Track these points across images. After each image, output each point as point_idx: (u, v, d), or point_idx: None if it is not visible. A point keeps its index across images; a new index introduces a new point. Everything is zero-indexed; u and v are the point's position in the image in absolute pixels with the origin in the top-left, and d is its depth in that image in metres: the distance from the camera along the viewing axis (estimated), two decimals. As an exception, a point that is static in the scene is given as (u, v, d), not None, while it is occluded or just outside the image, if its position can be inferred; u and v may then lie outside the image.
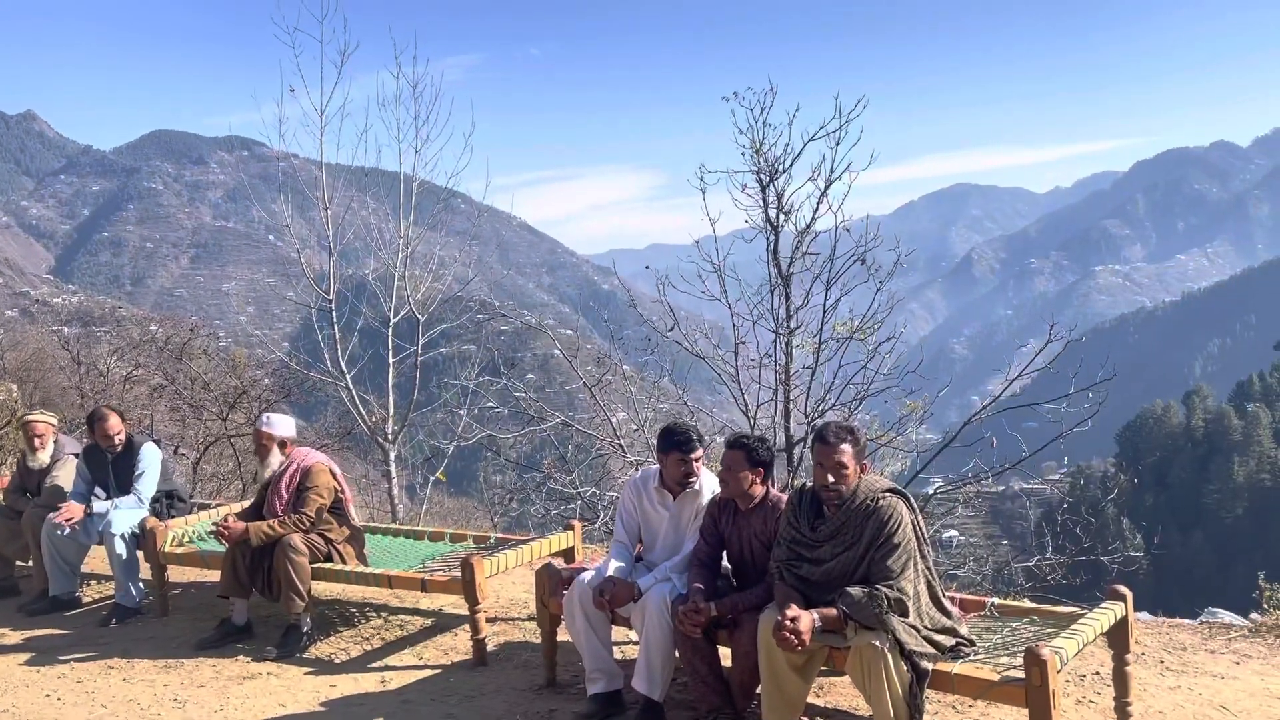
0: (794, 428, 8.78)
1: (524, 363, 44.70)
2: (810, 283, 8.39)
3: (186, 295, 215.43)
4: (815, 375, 8.57)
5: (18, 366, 36.63)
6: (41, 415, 6.40)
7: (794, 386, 8.55)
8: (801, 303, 8.42)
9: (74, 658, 5.00)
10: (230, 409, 20.76)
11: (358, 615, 5.57)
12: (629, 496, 4.40)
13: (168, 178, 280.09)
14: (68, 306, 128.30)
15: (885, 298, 8.55)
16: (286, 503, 5.24)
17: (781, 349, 8.46)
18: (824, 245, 8.38)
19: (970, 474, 9.02)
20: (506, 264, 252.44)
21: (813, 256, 8.44)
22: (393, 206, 12.77)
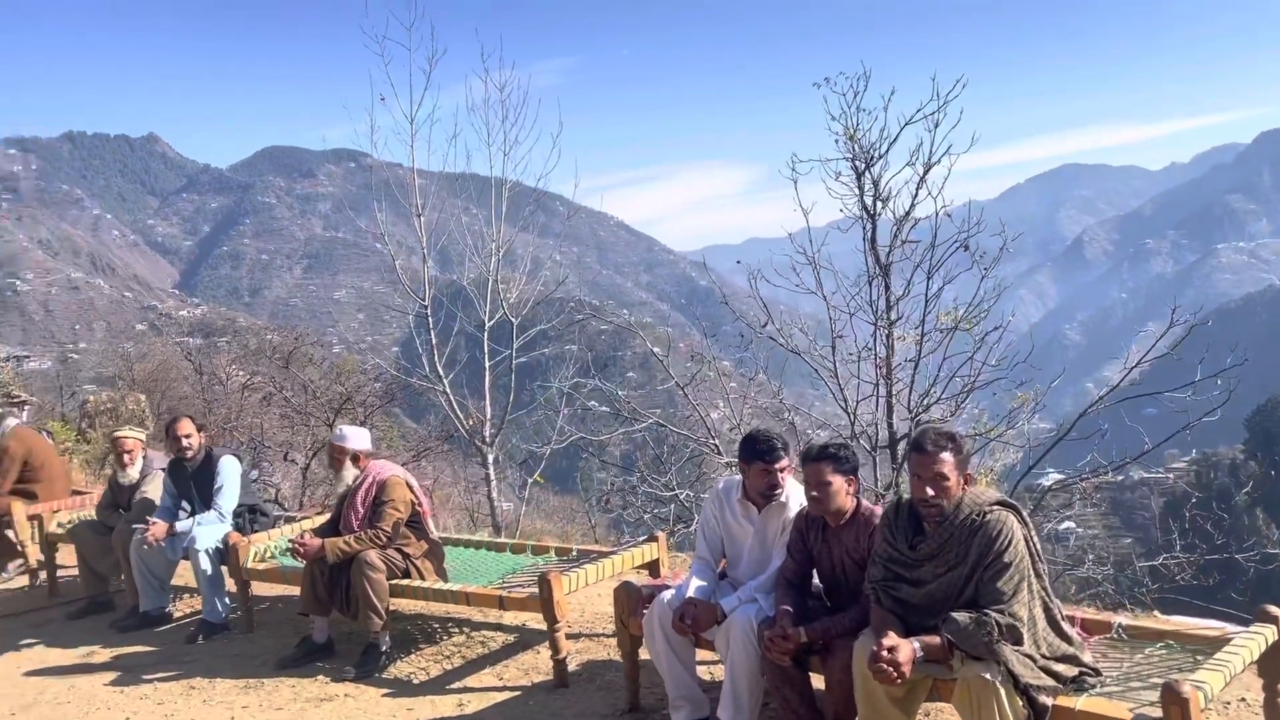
0: (897, 423, 8.43)
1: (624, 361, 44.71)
2: (911, 272, 8.02)
3: (301, 304, 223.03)
4: (919, 368, 8.19)
5: (146, 378, 38.26)
6: (130, 431, 6.44)
7: (896, 380, 8.19)
8: (902, 293, 8.09)
9: (158, 677, 4.95)
10: (336, 414, 21.18)
11: (440, 631, 5.40)
12: (711, 509, 4.11)
13: (280, 192, 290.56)
14: (190, 318, 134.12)
15: (991, 284, 8.13)
16: (362, 518, 5.10)
17: (882, 341, 8.13)
18: (924, 233, 8.04)
19: (1088, 468, 8.49)
20: (605, 264, 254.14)
21: (913, 244, 8.09)
22: (486, 211, 12.76)
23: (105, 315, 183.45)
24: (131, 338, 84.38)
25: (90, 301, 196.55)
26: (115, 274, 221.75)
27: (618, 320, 15.68)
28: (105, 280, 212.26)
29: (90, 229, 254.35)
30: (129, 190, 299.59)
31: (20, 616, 6.38)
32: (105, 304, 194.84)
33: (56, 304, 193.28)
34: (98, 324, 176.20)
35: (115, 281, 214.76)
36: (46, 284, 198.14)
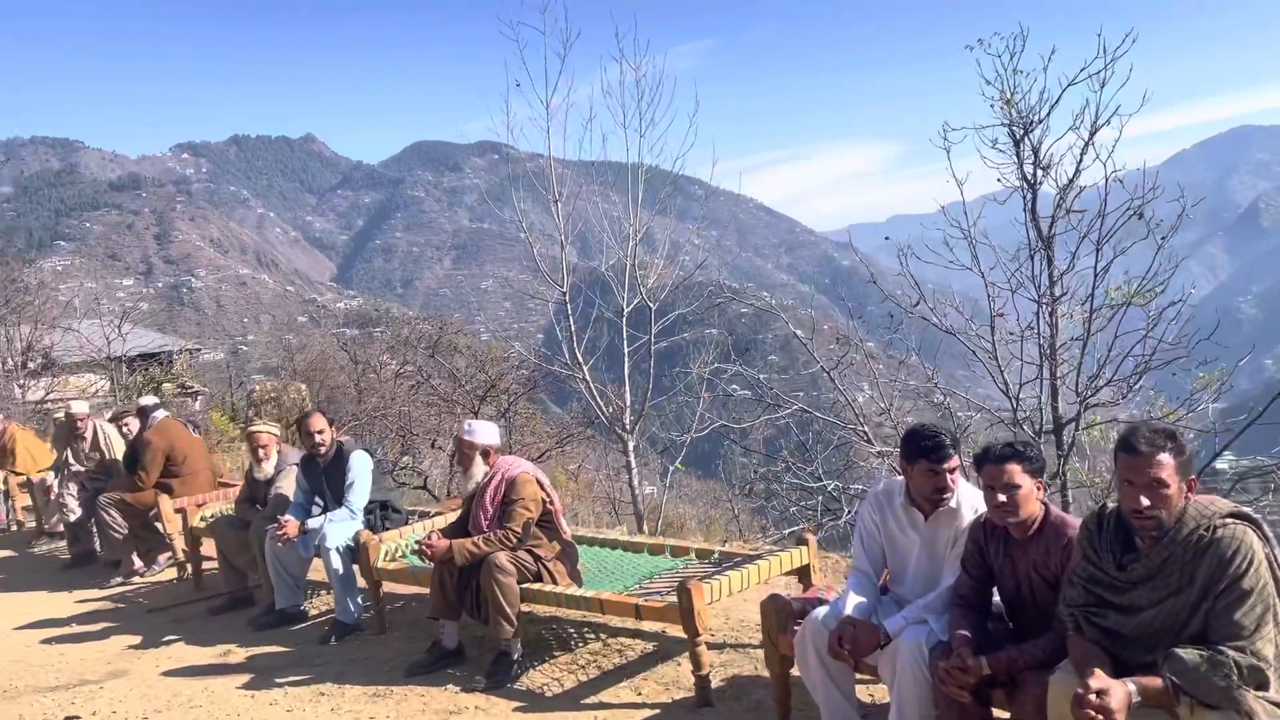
0: (1063, 407, 7.78)
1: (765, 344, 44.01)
2: (1076, 244, 7.41)
3: (450, 294, 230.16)
4: (1086, 347, 7.50)
5: (306, 367, 39.97)
6: (264, 425, 6.37)
7: (1061, 361, 7.55)
8: (1067, 266, 7.47)
9: (289, 681, 4.81)
10: (480, 402, 21.44)
11: (575, 637, 5.08)
12: (869, 514, 3.61)
13: (429, 185, 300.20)
14: (347, 310, 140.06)
15: (1165, 256, 7.36)
16: (491, 517, 4.82)
17: (1045, 319, 7.51)
18: (1090, 201, 7.41)
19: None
20: (745, 246, 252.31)
21: (1078, 214, 7.44)
22: (623, 197, 12.54)
23: (270, 309, 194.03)
24: (294, 330, 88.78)
25: (257, 296, 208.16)
26: (278, 269, 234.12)
27: (758, 303, 15.16)
28: (269, 275, 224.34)
29: (255, 227, 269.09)
30: (289, 189, 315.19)
31: (166, 611, 6.42)
32: (270, 298, 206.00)
33: (226, 299, 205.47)
34: (264, 317, 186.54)
35: (278, 276, 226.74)
36: (217, 280, 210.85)
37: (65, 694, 4.91)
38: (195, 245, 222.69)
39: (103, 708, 4.66)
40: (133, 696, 4.79)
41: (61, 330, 24.81)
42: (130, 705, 4.67)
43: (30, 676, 5.26)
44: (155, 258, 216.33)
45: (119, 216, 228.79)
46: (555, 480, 26.91)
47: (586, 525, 15.91)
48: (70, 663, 5.46)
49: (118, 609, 6.66)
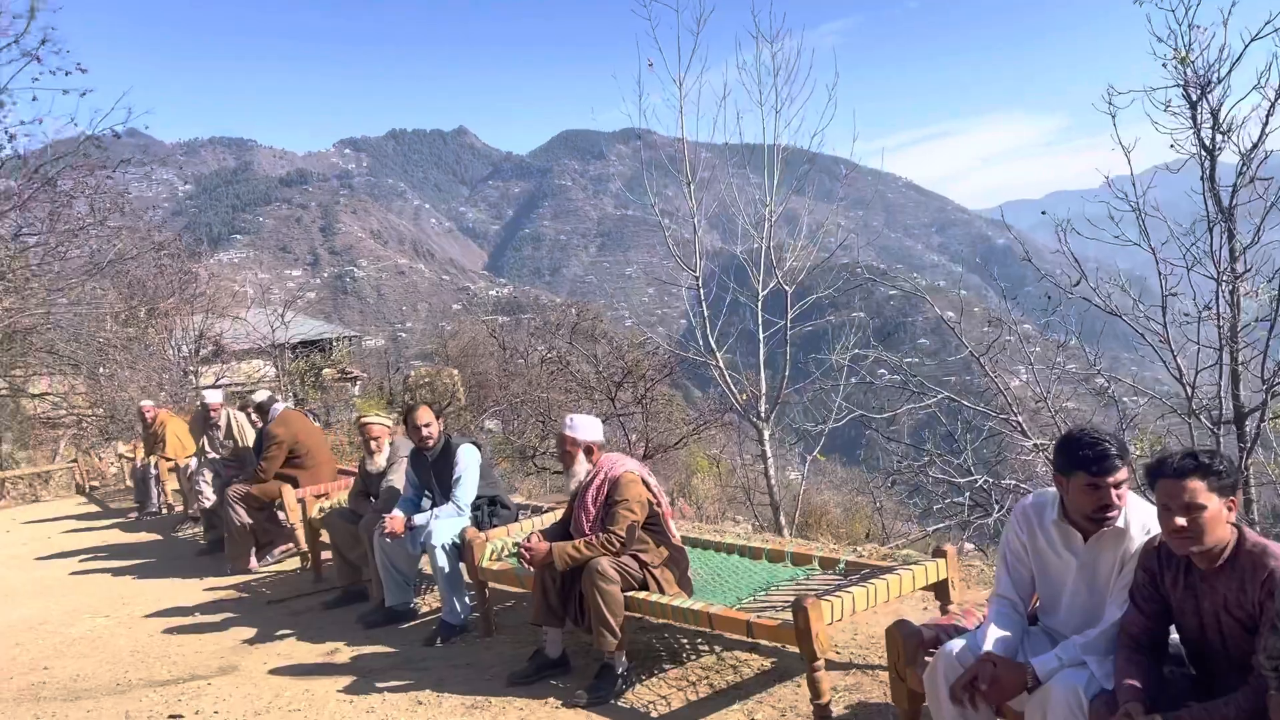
0: (1246, 395, 7.05)
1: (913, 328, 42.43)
2: (1262, 215, 6.78)
3: (595, 281, 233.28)
4: (1274, 329, 6.70)
5: (458, 354, 41.00)
6: (376, 417, 6.24)
7: (1243, 344, 6.87)
8: (1250, 240, 6.86)
9: (389, 686, 4.60)
10: (617, 388, 21.33)
11: (686, 649, 4.70)
12: (1015, 532, 3.06)
13: (575, 174, 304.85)
14: (498, 298, 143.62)
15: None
16: (594, 519, 4.48)
17: (1225, 298, 6.87)
18: (1276, 168, 6.84)
19: None
20: (893, 226, 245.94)
21: (1263, 182, 6.77)
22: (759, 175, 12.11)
23: (427, 297, 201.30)
24: (448, 317, 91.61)
25: (414, 285, 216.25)
26: (434, 259, 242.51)
27: (905, 285, 14.38)
28: (426, 265, 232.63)
29: (412, 218, 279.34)
30: (443, 180, 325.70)
31: (284, 603, 6.38)
32: (426, 286, 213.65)
33: (386, 288, 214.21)
34: (421, 305, 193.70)
35: (434, 266, 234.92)
36: (378, 270, 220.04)
37: (174, 689, 4.85)
38: (357, 237, 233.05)
39: (206, 707, 4.57)
40: (237, 695, 4.68)
41: (231, 319, 26.04)
42: (233, 705, 4.56)
43: (145, 669, 5.25)
44: (321, 249, 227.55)
45: (288, 210, 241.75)
46: (695, 465, 26.54)
47: (718, 516, 15.55)
48: (186, 655, 5.44)
49: (240, 599, 6.68)
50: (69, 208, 17.78)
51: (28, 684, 5.20)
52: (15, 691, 5.08)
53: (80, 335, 19.23)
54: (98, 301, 19.50)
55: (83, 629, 6.24)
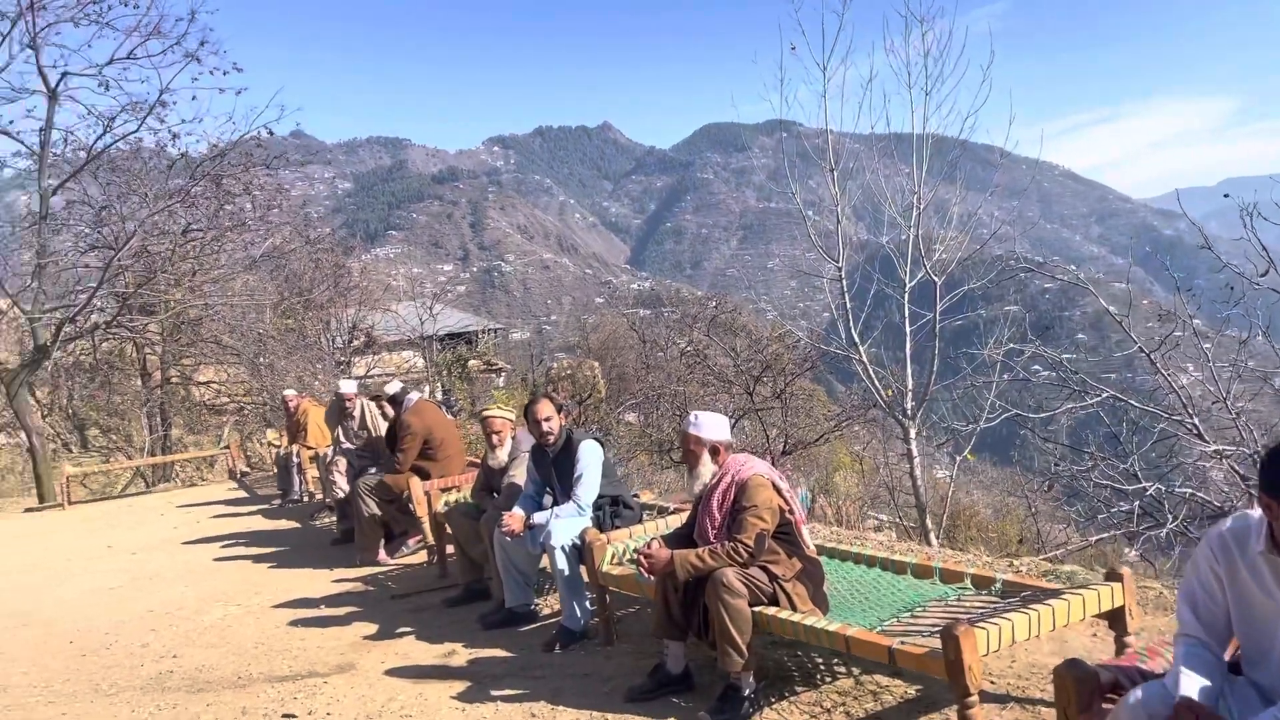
0: None
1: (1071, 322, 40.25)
2: None
3: (737, 274, 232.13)
4: None
5: (599, 346, 41.35)
6: (498, 410, 6.06)
7: None
8: None
9: (503, 695, 4.39)
10: (756, 381, 20.89)
11: (821, 670, 4.30)
12: (1209, 563, 2.56)
13: (717, 167, 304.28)
14: (639, 292, 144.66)
15: None
16: (719, 526, 4.14)
17: None
18: None
19: None
20: (1049, 216, 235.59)
21: None
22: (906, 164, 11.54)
23: (570, 290, 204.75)
24: (590, 310, 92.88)
25: (558, 279, 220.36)
26: (578, 253, 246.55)
27: (1064, 276, 13.44)
28: (570, 259, 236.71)
29: (557, 213, 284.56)
30: (587, 176, 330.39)
31: (408, 598, 6.29)
32: (570, 280, 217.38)
33: (532, 281, 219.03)
34: (565, 298, 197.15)
35: (578, 260, 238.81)
36: (524, 264, 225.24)
37: (291, 686, 4.78)
38: (505, 232, 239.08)
39: (319, 707, 4.46)
40: (351, 696, 4.56)
41: (382, 312, 26.88)
42: (345, 708, 4.44)
43: (267, 663, 5.22)
44: (471, 244, 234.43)
45: (440, 207, 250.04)
46: (837, 462, 25.76)
47: (859, 517, 14.94)
48: (307, 650, 5.39)
49: (365, 592, 6.64)
50: (232, 204, 18.56)
51: (156, 673, 5.24)
52: (144, 680, 5.13)
53: (241, 326, 20.09)
54: (255, 294, 20.33)
55: (214, 617, 6.32)
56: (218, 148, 16.62)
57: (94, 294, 15.90)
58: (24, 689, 5.19)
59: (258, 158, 17.97)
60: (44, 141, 15.96)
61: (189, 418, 23.86)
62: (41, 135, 15.93)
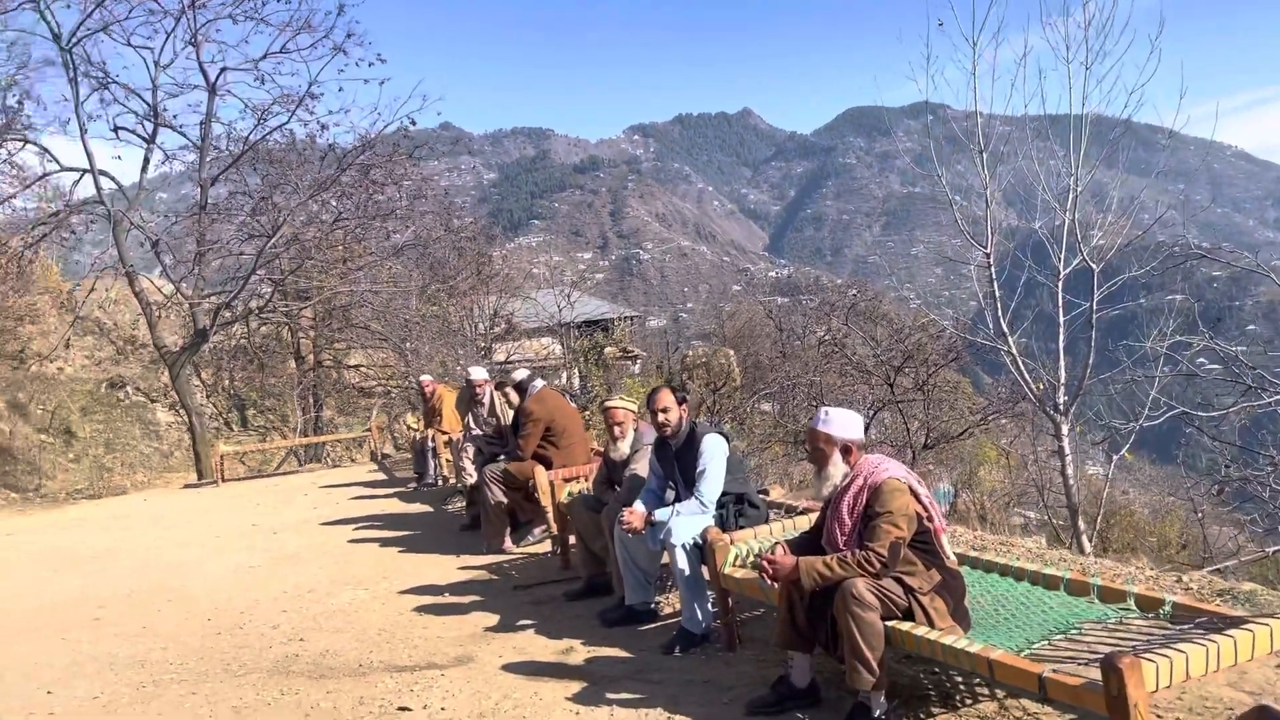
0: None
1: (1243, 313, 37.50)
2: None
3: (879, 261, 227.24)
4: None
5: (734, 334, 41.04)
6: (620, 401, 5.88)
7: None
8: None
9: (620, 698, 4.21)
10: (897, 372, 20.21)
11: (963, 691, 3.96)
12: None
13: (860, 152, 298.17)
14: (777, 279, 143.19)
15: None
16: (850, 532, 3.85)
17: None
18: None
19: None
20: (1221, 200, 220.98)
21: None
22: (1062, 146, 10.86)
23: (707, 278, 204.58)
24: (727, 298, 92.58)
25: (696, 267, 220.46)
26: (715, 240, 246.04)
27: (1240, 263, 12.42)
28: (708, 247, 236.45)
29: (695, 201, 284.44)
30: (726, 163, 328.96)
31: (529, 589, 6.20)
32: (707, 268, 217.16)
33: (670, 269, 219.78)
34: (702, 286, 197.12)
35: (715, 247, 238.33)
36: (662, 252, 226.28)
37: (409, 677, 4.74)
38: (643, 220, 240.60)
39: (434, 701, 4.40)
40: (466, 692, 4.48)
41: (522, 299, 27.34)
42: (460, 703, 4.35)
43: (388, 651, 5.21)
44: (610, 233, 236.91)
45: (580, 196, 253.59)
46: (982, 456, 24.70)
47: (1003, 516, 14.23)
48: (428, 639, 5.36)
49: (489, 581, 6.60)
50: (380, 194, 19.11)
51: (283, 655, 5.30)
52: (271, 662, 5.19)
53: (387, 312, 20.72)
54: (401, 281, 20.90)
55: (342, 601, 6.39)
56: (365, 139, 17.10)
57: (248, 280, 16.62)
58: (160, 664, 5.34)
59: (404, 149, 18.43)
60: (204, 135, 16.77)
61: (340, 400, 24.82)
62: (202, 128, 16.73)
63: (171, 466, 20.15)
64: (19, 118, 16.57)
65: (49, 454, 18.74)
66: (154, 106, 16.19)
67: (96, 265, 19.62)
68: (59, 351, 20.49)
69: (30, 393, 20.07)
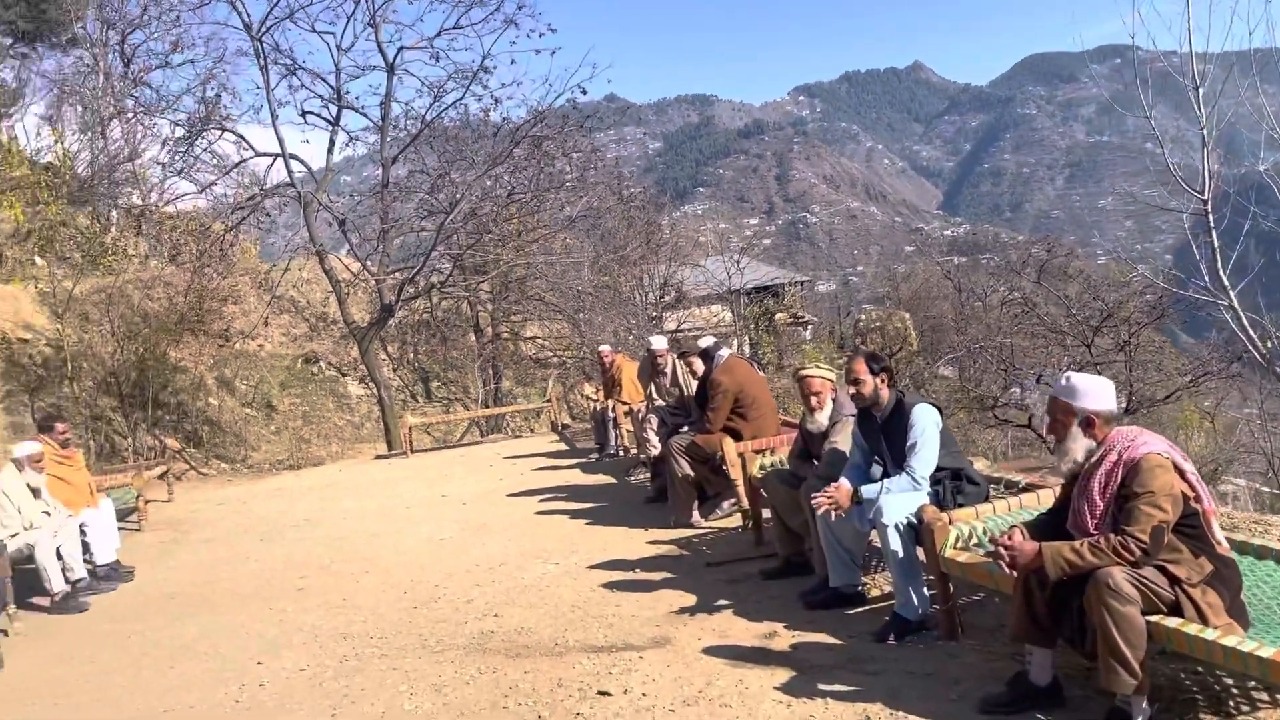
0: None
1: None
2: None
3: (1063, 216, 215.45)
4: None
5: (910, 297, 39.65)
6: (818, 369, 5.49)
7: None
8: None
9: (833, 690, 3.90)
10: (1095, 333, 18.87)
11: (1236, 697, 3.44)
12: None
13: (1040, 101, 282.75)
14: (952, 238, 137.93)
15: None
16: (1102, 515, 3.38)
17: None
18: None
19: None
20: None
21: None
22: None
23: (878, 239, 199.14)
24: (900, 260, 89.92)
25: (866, 228, 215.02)
26: (885, 201, 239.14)
27: None
28: (878, 207, 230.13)
29: (864, 160, 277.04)
30: (896, 119, 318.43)
31: (723, 566, 5.94)
32: (878, 229, 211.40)
33: (838, 232, 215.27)
34: (872, 248, 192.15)
35: (886, 208, 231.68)
36: (830, 215, 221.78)
37: (607, 659, 4.57)
38: (810, 183, 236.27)
39: (635, 686, 4.20)
40: (667, 677, 4.27)
41: (691, 267, 27.16)
42: (661, 689, 4.14)
43: (583, 630, 5.06)
44: (775, 197, 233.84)
45: (745, 161, 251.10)
46: (1183, 420, 22.90)
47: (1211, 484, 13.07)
48: (622, 618, 5.18)
49: (680, 557, 6.38)
50: (551, 166, 19.21)
51: (479, 631, 5.24)
52: (467, 638, 5.14)
53: (561, 284, 20.93)
54: (573, 252, 21.03)
55: (534, 575, 6.31)
56: (537, 111, 17.17)
57: (428, 256, 17.03)
58: (361, 638, 5.39)
59: (574, 119, 18.45)
60: (384, 114, 17.22)
61: (517, 371, 25.36)
62: (382, 108, 17.19)
63: (363, 437, 21.07)
64: (217, 109, 17.51)
65: (253, 426, 19.91)
66: (337, 89, 16.72)
67: (290, 246, 20.60)
68: (258, 329, 21.69)
69: (235, 369, 21.36)
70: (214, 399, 19.62)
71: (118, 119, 25.93)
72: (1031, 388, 19.99)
